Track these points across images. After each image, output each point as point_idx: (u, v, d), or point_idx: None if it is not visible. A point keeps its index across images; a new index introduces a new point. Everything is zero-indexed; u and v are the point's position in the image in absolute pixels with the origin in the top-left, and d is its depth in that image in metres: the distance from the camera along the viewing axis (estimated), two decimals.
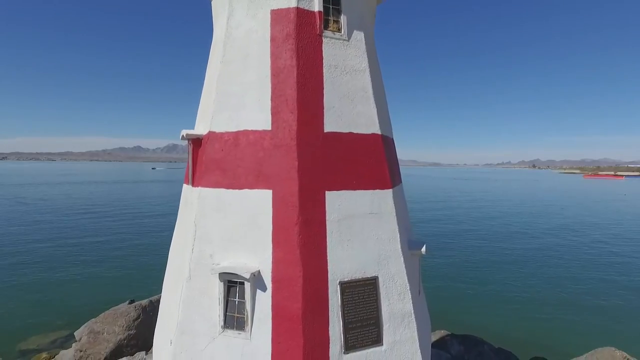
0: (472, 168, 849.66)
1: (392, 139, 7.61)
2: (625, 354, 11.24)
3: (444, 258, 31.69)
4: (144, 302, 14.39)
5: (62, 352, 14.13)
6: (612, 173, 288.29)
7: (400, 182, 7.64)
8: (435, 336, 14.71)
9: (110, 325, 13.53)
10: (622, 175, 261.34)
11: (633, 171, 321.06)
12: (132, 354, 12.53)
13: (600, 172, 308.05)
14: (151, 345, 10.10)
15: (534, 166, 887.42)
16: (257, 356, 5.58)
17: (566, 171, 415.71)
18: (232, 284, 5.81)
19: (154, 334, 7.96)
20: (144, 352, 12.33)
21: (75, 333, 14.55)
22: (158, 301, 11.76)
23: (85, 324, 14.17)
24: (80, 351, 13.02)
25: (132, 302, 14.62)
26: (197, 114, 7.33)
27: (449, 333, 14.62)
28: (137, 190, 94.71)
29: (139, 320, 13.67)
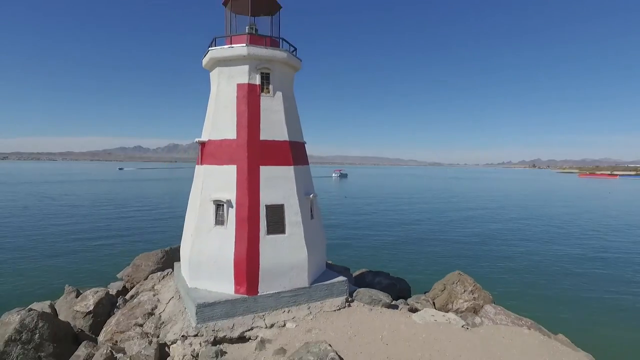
0: (472, 168, 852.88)
1: (302, 142, 15.06)
2: (460, 272, 18.51)
3: (391, 229, 41.19)
4: (167, 248, 21.86)
5: (112, 284, 21.51)
6: (608, 172, 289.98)
7: (305, 164, 15.09)
8: (359, 272, 22.12)
9: (145, 261, 21.01)
10: (617, 175, 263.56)
11: (630, 170, 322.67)
12: None
13: (596, 172, 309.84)
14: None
15: (534, 166, 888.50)
16: (229, 237, 13.03)
17: (565, 171, 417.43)
18: (218, 205, 13.26)
19: (173, 266, 15.59)
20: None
21: (117, 275, 22.01)
22: (177, 247, 19.23)
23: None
24: (128, 276, 20.50)
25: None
26: (202, 127, 14.81)
27: (368, 270, 22.03)
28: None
29: (164, 258, 21.13)
